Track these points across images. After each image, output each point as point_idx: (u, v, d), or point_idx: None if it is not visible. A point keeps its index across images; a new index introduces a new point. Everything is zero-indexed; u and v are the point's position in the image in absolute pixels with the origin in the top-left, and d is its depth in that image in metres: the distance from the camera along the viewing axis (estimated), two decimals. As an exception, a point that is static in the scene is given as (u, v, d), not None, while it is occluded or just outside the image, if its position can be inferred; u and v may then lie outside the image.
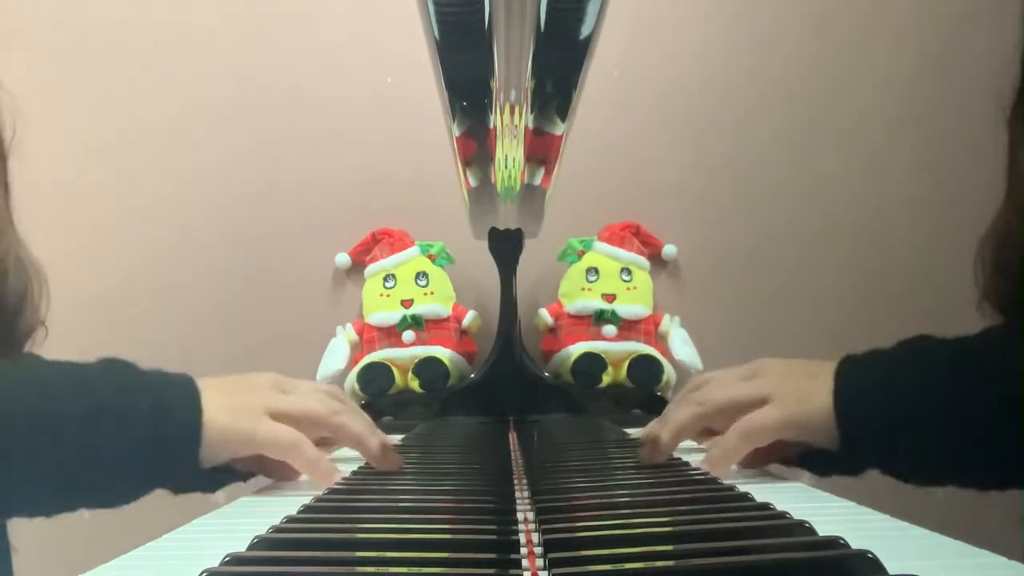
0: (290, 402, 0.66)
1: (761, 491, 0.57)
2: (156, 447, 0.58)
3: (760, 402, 0.65)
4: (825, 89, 1.52)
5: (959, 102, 1.49)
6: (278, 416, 0.64)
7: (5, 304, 0.75)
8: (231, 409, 0.62)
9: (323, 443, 0.72)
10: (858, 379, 0.62)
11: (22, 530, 0.72)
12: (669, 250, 1.48)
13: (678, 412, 0.69)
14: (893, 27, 1.51)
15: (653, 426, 0.72)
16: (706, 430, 0.77)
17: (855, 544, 0.37)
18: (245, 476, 0.69)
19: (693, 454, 0.78)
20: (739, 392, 0.67)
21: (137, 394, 0.59)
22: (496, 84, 0.63)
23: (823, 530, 0.42)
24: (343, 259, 1.47)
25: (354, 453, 0.97)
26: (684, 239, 1.49)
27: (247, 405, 0.64)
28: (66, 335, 0.91)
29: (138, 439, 0.58)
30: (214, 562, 0.39)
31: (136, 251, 1.49)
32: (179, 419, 0.60)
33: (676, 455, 0.74)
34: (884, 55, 1.51)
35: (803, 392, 0.63)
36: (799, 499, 0.58)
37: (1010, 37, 0.72)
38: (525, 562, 0.40)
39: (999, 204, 0.74)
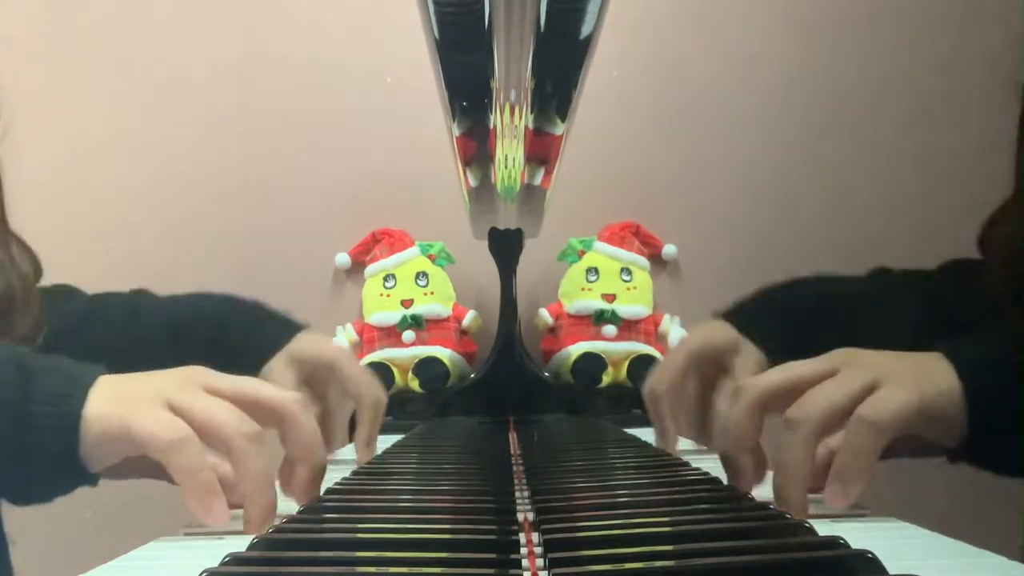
0: (197, 400, 0.52)
1: (761, 491, 0.57)
2: (22, 444, 0.50)
3: (869, 390, 0.51)
4: (826, 89, 1.52)
5: (965, 102, 1.49)
6: (178, 412, 0.51)
7: None
8: (114, 397, 0.52)
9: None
10: (978, 360, 0.53)
11: (22, 524, 0.72)
12: (669, 250, 1.48)
13: (790, 455, 0.52)
14: (895, 25, 1.51)
15: (738, 473, 0.57)
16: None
17: (855, 544, 0.37)
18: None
19: (694, 455, 0.78)
20: (841, 393, 0.52)
21: (4, 381, 0.51)
22: (496, 84, 0.63)
23: (823, 530, 0.42)
24: (343, 259, 1.47)
25: (350, 453, 0.97)
26: (684, 239, 1.49)
27: (137, 390, 0.52)
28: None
29: (8, 430, 0.50)
30: (214, 562, 0.39)
31: (135, 251, 1.49)
32: (48, 411, 0.50)
33: (676, 456, 0.74)
34: (886, 54, 1.51)
35: (922, 373, 0.52)
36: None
37: (1010, 34, 0.72)
38: (525, 562, 0.40)
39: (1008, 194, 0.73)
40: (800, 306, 0.86)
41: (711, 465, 0.63)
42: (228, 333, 0.87)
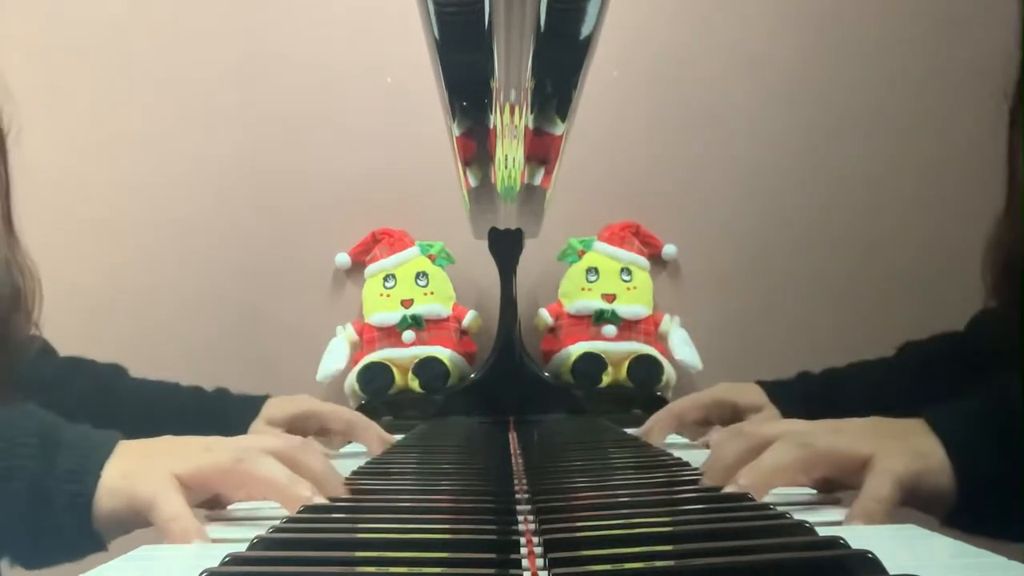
0: (196, 459, 0.57)
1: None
2: (39, 517, 0.55)
3: (865, 460, 0.56)
4: (826, 89, 1.52)
5: (964, 103, 1.49)
6: (186, 479, 0.56)
7: None
8: (126, 473, 0.56)
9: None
10: (963, 433, 0.58)
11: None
12: (669, 250, 1.48)
13: (775, 456, 0.57)
14: (896, 26, 1.51)
15: (716, 467, 0.60)
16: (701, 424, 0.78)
17: (855, 544, 0.37)
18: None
19: (693, 452, 0.78)
20: (844, 442, 0.58)
21: (28, 456, 0.55)
22: (496, 84, 0.63)
23: (823, 530, 0.42)
24: (343, 259, 1.47)
25: (354, 449, 0.97)
26: (684, 239, 1.49)
27: (146, 467, 0.56)
28: (65, 335, 0.91)
29: (19, 507, 0.54)
30: (214, 562, 0.39)
31: (135, 251, 1.49)
32: (65, 488, 0.55)
33: (677, 456, 0.74)
34: (887, 55, 1.51)
35: (916, 449, 0.57)
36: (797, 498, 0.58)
37: (1010, 37, 0.72)
38: (525, 562, 0.40)
39: (1001, 207, 0.74)
40: (830, 394, 0.94)
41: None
42: (197, 419, 0.93)
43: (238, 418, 0.92)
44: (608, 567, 0.38)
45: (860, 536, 0.39)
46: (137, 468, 0.56)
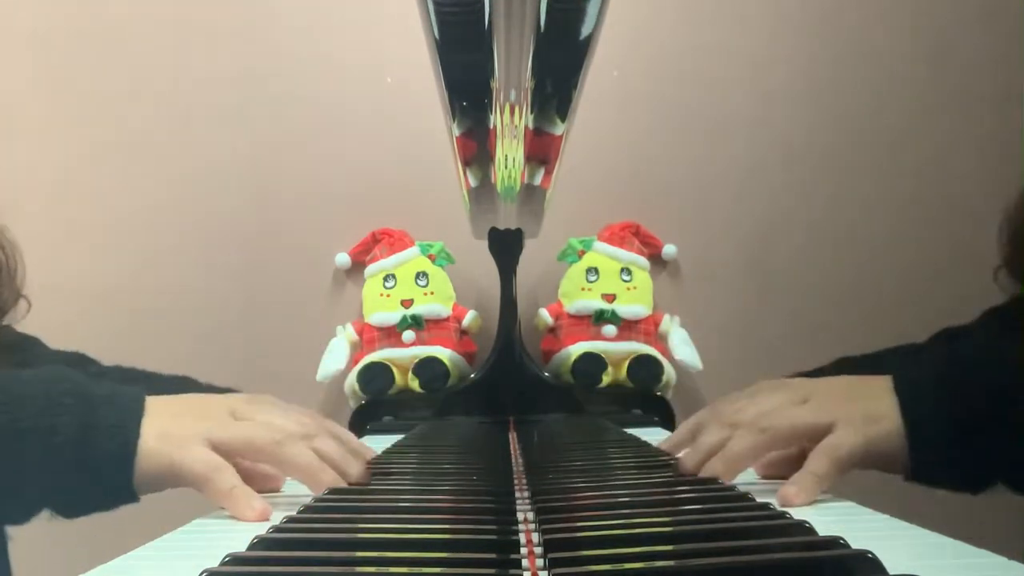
0: (232, 430, 0.61)
1: (760, 491, 0.57)
2: (82, 471, 0.57)
3: (826, 428, 0.60)
4: (826, 89, 1.52)
5: (963, 103, 1.49)
6: (218, 445, 0.59)
7: None
8: (163, 435, 0.59)
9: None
10: (920, 393, 0.60)
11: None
12: (669, 250, 1.48)
13: (739, 443, 0.62)
14: (897, 27, 1.51)
15: (692, 455, 0.65)
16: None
17: (855, 544, 0.37)
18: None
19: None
20: (801, 418, 0.62)
21: (68, 413, 0.57)
22: (496, 84, 0.63)
23: (823, 530, 0.42)
24: (343, 259, 1.47)
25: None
26: (684, 239, 1.49)
27: (182, 431, 0.59)
28: (66, 334, 0.91)
29: (62, 461, 0.56)
30: (214, 562, 0.39)
31: (136, 251, 1.49)
32: (108, 444, 0.57)
33: (676, 456, 0.74)
34: (887, 55, 1.51)
35: (871, 414, 0.60)
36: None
37: (1013, 37, 0.72)
38: (525, 562, 0.40)
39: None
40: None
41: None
42: None
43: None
44: (608, 567, 0.38)
45: (861, 536, 0.39)
46: (173, 430, 0.59)
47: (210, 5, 1.50)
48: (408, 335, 1.37)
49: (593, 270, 1.41)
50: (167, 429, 0.59)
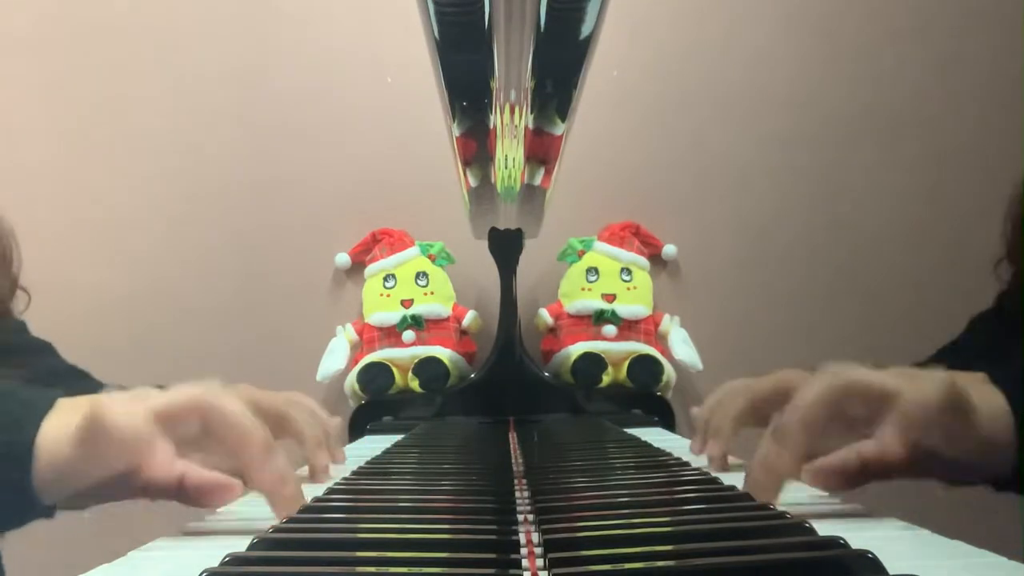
0: (172, 392, 0.53)
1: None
2: None
3: (893, 395, 0.51)
4: (826, 89, 1.52)
5: (961, 103, 1.49)
6: (162, 416, 0.51)
7: None
8: (77, 412, 0.49)
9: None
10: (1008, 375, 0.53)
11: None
12: (669, 250, 1.48)
13: (810, 389, 0.52)
14: (895, 27, 1.51)
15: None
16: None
17: (855, 544, 0.37)
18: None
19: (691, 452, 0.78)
20: (872, 375, 0.53)
21: None
22: (496, 84, 0.63)
23: (823, 530, 0.42)
24: (343, 259, 1.47)
25: (354, 452, 0.97)
26: (684, 239, 1.49)
27: (126, 403, 0.51)
28: (66, 333, 0.91)
29: None
30: (214, 562, 0.39)
31: (136, 251, 1.49)
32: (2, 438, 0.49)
33: (676, 456, 0.74)
34: (886, 55, 1.51)
35: (980, 391, 0.52)
36: (799, 499, 0.57)
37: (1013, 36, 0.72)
38: (525, 562, 0.40)
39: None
40: None
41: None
42: None
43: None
44: (608, 567, 0.38)
45: (861, 537, 0.39)
46: (117, 407, 0.50)
47: (210, 6, 1.50)
48: (408, 335, 1.37)
49: (593, 270, 1.41)
50: (78, 407, 0.50)
